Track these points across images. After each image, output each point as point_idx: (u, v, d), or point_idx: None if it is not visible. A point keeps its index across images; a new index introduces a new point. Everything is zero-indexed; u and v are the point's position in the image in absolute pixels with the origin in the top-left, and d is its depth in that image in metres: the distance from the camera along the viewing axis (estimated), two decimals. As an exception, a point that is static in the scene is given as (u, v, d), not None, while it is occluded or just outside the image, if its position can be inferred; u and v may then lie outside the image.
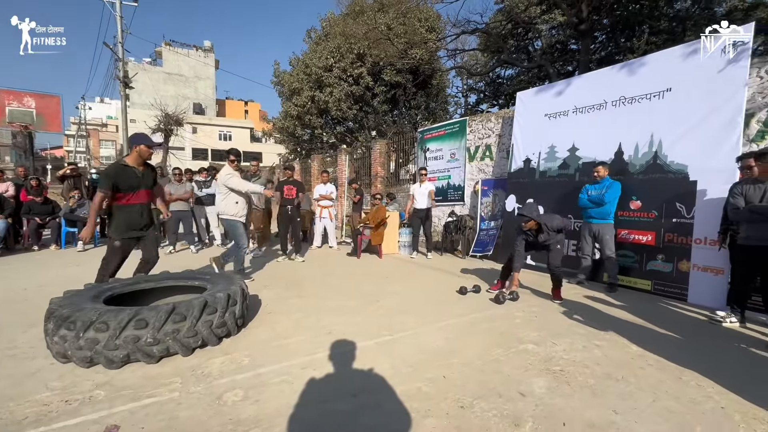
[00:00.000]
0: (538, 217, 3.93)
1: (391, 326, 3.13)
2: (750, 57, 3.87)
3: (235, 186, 4.48)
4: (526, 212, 3.96)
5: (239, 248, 4.57)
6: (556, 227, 3.93)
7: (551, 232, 3.93)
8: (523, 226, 3.98)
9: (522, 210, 4.07)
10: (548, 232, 3.91)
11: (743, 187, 3.22)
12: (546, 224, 3.89)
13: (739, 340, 3.03)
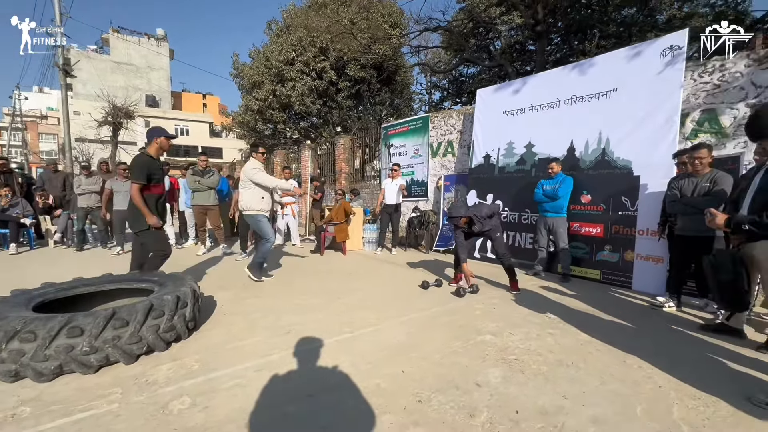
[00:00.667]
0: (466, 213, 4.10)
1: (352, 323, 3.09)
2: (685, 60, 4.17)
3: (261, 181, 4.32)
4: (455, 213, 4.14)
5: (267, 242, 4.45)
6: (486, 214, 4.10)
7: (484, 220, 4.09)
8: (458, 224, 4.17)
9: (450, 213, 4.22)
10: (480, 221, 4.07)
11: (679, 181, 3.47)
12: (476, 215, 4.06)
13: (676, 322, 3.28)
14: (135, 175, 3.46)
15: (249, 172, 4.37)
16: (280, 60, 14.30)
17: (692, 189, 3.35)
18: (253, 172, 4.35)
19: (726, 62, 4.23)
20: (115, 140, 21.61)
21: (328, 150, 13.56)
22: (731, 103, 4.18)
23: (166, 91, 44.29)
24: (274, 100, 15.01)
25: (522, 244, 5.59)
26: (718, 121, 4.26)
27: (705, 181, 3.27)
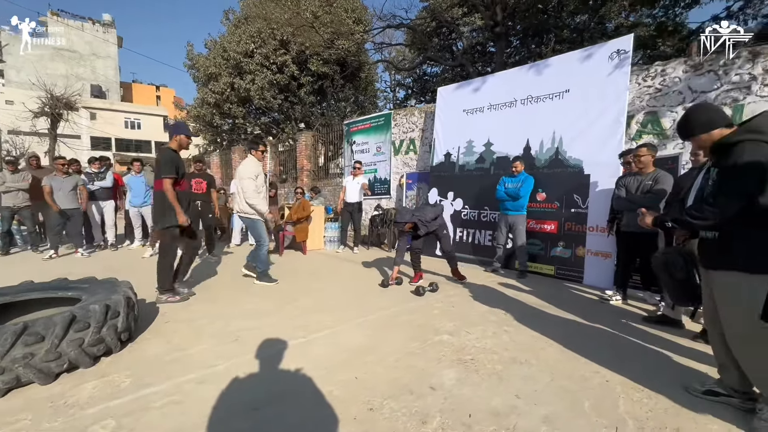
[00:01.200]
0: (411, 218, 4.17)
1: (307, 327, 2.96)
2: (630, 64, 4.38)
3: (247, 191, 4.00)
4: (400, 219, 4.21)
5: (261, 246, 4.26)
6: (430, 218, 4.24)
7: (429, 223, 4.22)
8: (404, 230, 4.26)
9: (398, 219, 4.27)
10: (425, 224, 4.19)
11: (625, 179, 3.62)
12: (420, 219, 4.16)
13: (623, 315, 3.42)
14: (166, 170, 3.36)
15: (240, 175, 4.11)
16: (239, 52, 13.67)
17: (636, 187, 3.50)
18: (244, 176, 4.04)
19: (666, 67, 4.49)
20: (54, 133, 19.81)
21: (290, 147, 13.17)
22: (671, 107, 4.44)
23: (114, 82, 41.27)
24: (232, 94, 14.35)
25: (481, 241, 5.67)
26: (659, 123, 4.51)
27: (648, 179, 3.43)
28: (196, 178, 5.65)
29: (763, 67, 3.93)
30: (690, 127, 1.88)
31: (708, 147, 1.84)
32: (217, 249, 6.21)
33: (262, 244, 4.27)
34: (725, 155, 1.72)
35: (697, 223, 1.82)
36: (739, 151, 1.65)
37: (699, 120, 1.84)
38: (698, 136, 1.85)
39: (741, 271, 1.67)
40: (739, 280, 1.68)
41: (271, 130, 16.56)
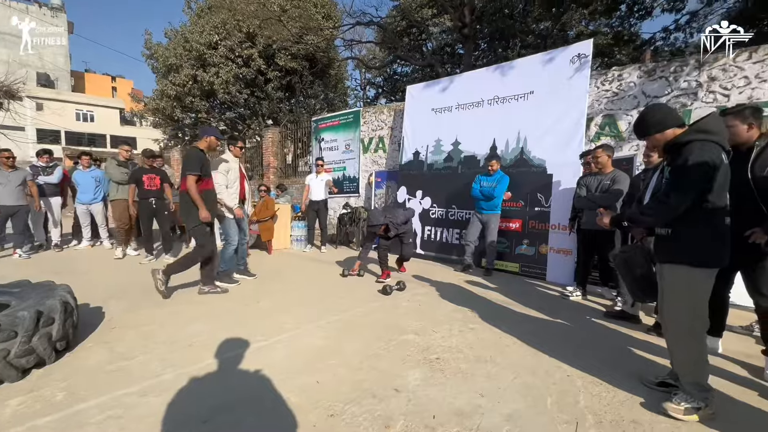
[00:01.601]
0: (384, 221, 4.29)
1: (267, 329, 2.82)
2: (590, 68, 4.54)
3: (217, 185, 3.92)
4: (374, 221, 4.30)
5: (227, 245, 4.11)
6: (401, 221, 4.38)
7: (399, 226, 4.37)
8: (377, 232, 4.39)
9: (371, 221, 4.37)
10: (396, 227, 4.35)
11: (585, 179, 3.74)
12: (392, 222, 4.30)
13: (583, 310, 3.53)
14: (190, 167, 3.44)
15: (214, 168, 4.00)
16: (202, 43, 13.06)
17: (596, 186, 3.62)
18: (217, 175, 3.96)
19: (623, 72, 4.69)
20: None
21: (256, 143, 12.76)
22: (627, 110, 4.65)
23: (63, 70, 38.37)
24: (194, 87, 13.69)
25: (449, 239, 5.71)
26: (616, 125, 4.71)
27: (607, 179, 3.56)
28: (149, 174, 5.30)
29: (708, 75, 4.19)
30: (645, 126, 1.93)
31: (661, 146, 1.90)
32: (175, 249, 5.87)
33: (229, 243, 4.13)
34: (677, 154, 1.78)
35: (650, 221, 1.91)
36: (689, 151, 1.72)
37: (653, 120, 1.89)
38: (652, 136, 1.90)
39: (687, 264, 1.76)
40: (684, 273, 1.77)
41: (236, 126, 15.98)
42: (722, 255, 1.76)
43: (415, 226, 6.11)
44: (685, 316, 1.80)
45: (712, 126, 1.73)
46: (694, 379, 1.81)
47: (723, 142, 1.74)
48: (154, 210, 5.35)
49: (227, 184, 4.06)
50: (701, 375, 1.81)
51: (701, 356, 1.81)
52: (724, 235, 1.78)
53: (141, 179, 5.25)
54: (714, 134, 1.72)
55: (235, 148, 4.25)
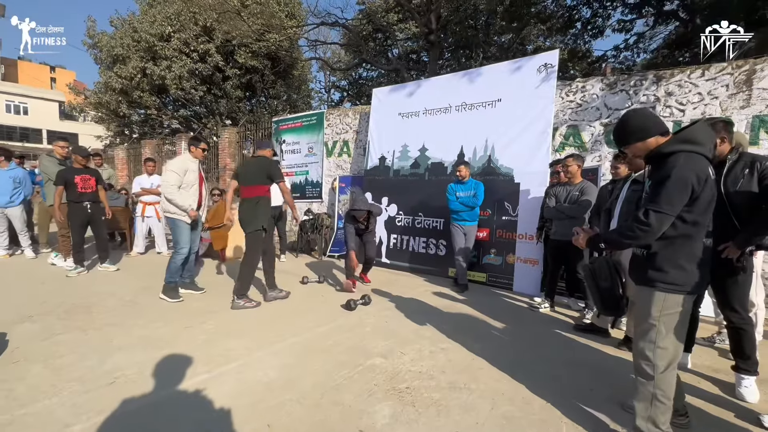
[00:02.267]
0: (367, 208, 4.31)
1: (211, 358, 2.43)
2: (556, 78, 4.55)
3: (166, 184, 3.65)
4: (359, 206, 4.29)
5: (176, 254, 3.74)
6: (376, 214, 4.46)
7: (373, 219, 4.46)
8: (359, 219, 4.30)
9: (355, 205, 4.34)
10: (373, 219, 4.46)
11: (555, 189, 3.69)
12: (371, 212, 4.35)
13: (552, 323, 3.43)
14: (280, 175, 3.72)
15: (165, 169, 3.70)
16: (152, 34, 12.13)
17: (565, 197, 3.57)
18: (167, 171, 3.67)
19: (586, 84, 4.76)
20: None
21: (214, 143, 11.98)
22: (590, 121, 4.71)
23: (-9, 57, 34.63)
24: (143, 81, 12.68)
25: (416, 248, 5.52)
26: (580, 136, 4.76)
27: (576, 190, 3.51)
28: (82, 175, 4.66)
29: (665, 90, 4.32)
30: (624, 133, 1.73)
31: (642, 156, 1.73)
32: (114, 257, 5.22)
33: (178, 251, 3.74)
34: (659, 166, 1.60)
35: (630, 244, 1.67)
36: (672, 162, 1.52)
37: (634, 126, 1.69)
38: (633, 144, 1.70)
39: (661, 289, 1.58)
40: (657, 297, 1.59)
41: (191, 125, 15.02)
42: (702, 280, 1.59)
43: (381, 234, 5.88)
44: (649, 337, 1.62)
45: (699, 136, 1.57)
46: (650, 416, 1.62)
47: (709, 154, 1.59)
48: (89, 215, 4.69)
49: (181, 184, 3.70)
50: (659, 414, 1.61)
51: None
52: (705, 258, 1.60)
53: (72, 180, 4.59)
54: (701, 145, 1.55)
55: (197, 150, 3.86)
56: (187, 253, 3.78)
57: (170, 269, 3.70)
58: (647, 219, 1.52)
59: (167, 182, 3.65)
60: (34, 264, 5.13)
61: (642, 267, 1.67)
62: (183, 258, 3.75)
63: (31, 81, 38.35)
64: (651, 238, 1.56)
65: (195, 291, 3.99)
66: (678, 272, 1.56)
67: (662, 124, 1.69)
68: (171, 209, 3.70)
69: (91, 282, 4.28)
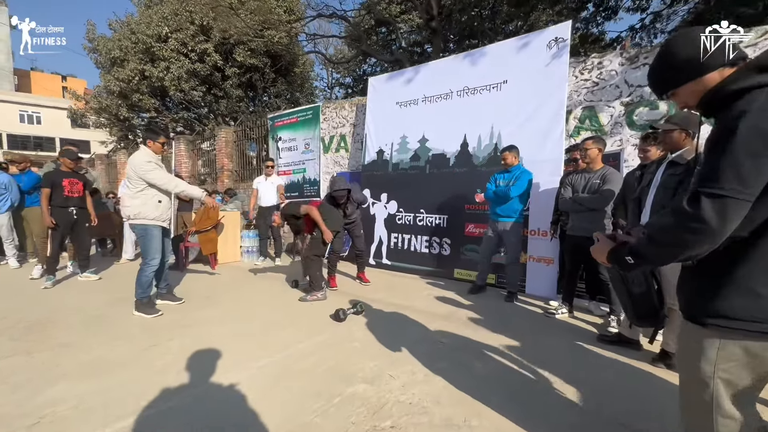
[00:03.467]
0: (347, 186, 4.21)
1: (164, 388, 2.05)
2: (569, 54, 4.05)
3: (159, 182, 3.25)
4: (339, 186, 4.16)
5: (145, 265, 3.31)
6: (359, 200, 4.44)
7: (354, 204, 4.37)
8: (338, 198, 4.17)
9: (335, 186, 4.20)
10: (354, 203, 4.35)
11: (571, 177, 3.21)
12: (353, 195, 4.28)
13: (572, 333, 2.96)
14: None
15: (140, 168, 3.18)
16: (149, 35, 11.92)
17: (584, 185, 3.10)
18: (146, 168, 3.19)
19: (603, 60, 4.24)
20: None
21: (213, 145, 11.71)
22: (608, 101, 4.19)
23: (6, 69, 35.37)
24: (142, 83, 12.50)
25: (418, 248, 5.08)
26: (597, 118, 4.25)
27: (596, 178, 3.03)
28: (71, 178, 4.36)
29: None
30: (670, 72, 1.06)
31: (696, 104, 1.04)
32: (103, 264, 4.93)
33: (148, 263, 3.31)
34: (723, 114, 0.92)
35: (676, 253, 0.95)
36: (742, 107, 0.87)
37: (683, 59, 1.02)
38: (683, 87, 1.04)
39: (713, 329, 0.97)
40: (706, 341, 1.00)
41: (193, 127, 14.82)
42: None
43: (380, 233, 5.46)
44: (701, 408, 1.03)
45: None
46: None
47: None
48: (74, 221, 4.39)
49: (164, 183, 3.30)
50: None
51: None
52: None
53: (60, 183, 4.30)
54: None
55: (155, 144, 3.35)
56: (159, 264, 3.39)
57: (141, 283, 3.30)
58: (698, 209, 0.86)
59: (161, 178, 3.23)
60: (15, 274, 4.87)
61: (690, 288, 1.06)
62: (154, 270, 3.34)
63: (43, 91, 39.13)
64: (708, 241, 0.88)
65: (172, 302, 3.63)
66: (750, 302, 0.92)
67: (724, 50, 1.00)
68: (149, 215, 3.26)
69: (65, 293, 3.97)
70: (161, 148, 3.43)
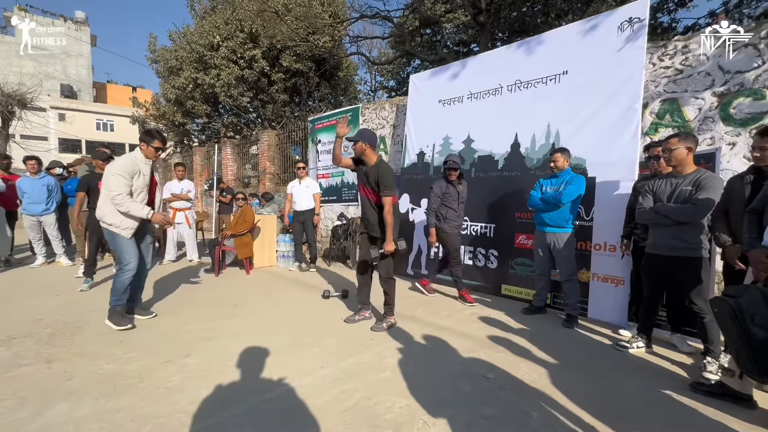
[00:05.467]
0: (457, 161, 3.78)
1: (168, 415, 1.82)
2: (646, 37, 3.42)
3: (110, 191, 2.91)
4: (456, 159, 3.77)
5: (120, 272, 3.07)
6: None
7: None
8: (449, 174, 3.79)
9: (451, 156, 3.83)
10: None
11: (654, 183, 2.62)
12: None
13: (654, 377, 2.38)
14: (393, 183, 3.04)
15: (107, 171, 3.01)
16: (202, 44, 12.49)
17: (669, 193, 2.50)
18: (110, 172, 2.94)
19: (689, 43, 3.55)
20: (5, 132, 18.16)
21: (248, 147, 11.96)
22: (696, 92, 3.50)
23: (86, 82, 39.48)
24: (196, 90, 13.13)
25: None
26: (681, 112, 3.56)
27: (687, 183, 2.42)
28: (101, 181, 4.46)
29: (820, 38, 3.01)
30: None
31: None
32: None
33: (123, 269, 3.06)
34: None
35: None
36: None
37: None
38: None
39: None
40: None
41: (241, 131, 15.35)
42: None
43: (420, 242, 5.06)
44: None
45: None
46: None
47: None
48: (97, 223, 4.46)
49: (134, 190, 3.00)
50: None
51: None
52: None
53: (96, 186, 4.39)
54: None
55: (148, 148, 3.08)
56: (136, 269, 3.09)
57: (115, 290, 3.04)
58: None
59: (112, 190, 2.90)
60: (67, 272, 5.07)
61: None
62: (130, 276, 3.06)
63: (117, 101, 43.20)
64: None
65: (141, 316, 3.30)
66: None
67: None
68: (107, 220, 2.99)
69: (101, 297, 3.98)
70: (154, 153, 3.14)
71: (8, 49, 34.54)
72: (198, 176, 11.91)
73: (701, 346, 2.55)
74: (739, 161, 3.22)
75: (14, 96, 18.27)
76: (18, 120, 18.52)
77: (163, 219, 3.18)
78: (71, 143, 34.08)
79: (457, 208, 3.91)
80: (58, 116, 34.41)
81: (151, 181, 3.18)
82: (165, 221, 3.22)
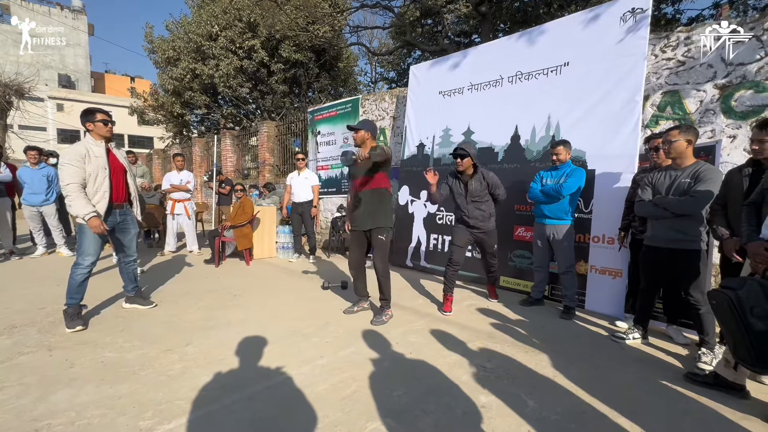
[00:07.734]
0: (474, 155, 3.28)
1: (170, 402, 1.85)
2: (649, 27, 3.39)
3: (62, 181, 2.72)
4: (465, 146, 3.24)
5: (76, 266, 2.84)
6: (493, 182, 3.31)
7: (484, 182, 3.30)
8: (458, 164, 3.29)
9: (462, 143, 3.32)
10: (482, 181, 3.29)
11: (652, 175, 2.62)
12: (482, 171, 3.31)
13: (649, 367, 2.41)
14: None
15: (60, 161, 2.81)
16: (200, 34, 12.36)
17: (668, 185, 2.50)
18: (62, 161, 2.75)
19: (691, 34, 3.51)
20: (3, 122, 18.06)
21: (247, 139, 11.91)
22: (698, 84, 3.48)
23: (84, 72, 39.14)
24: (194, 80, 13.02)
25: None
26: (682, 105, 3.54)
27: (686, 176, 2.43)
28: None
29: (824, 29, 2.98)
30: None
31: None
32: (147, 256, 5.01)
33: (78, 262, 2.85)
34: None
35: None
36: None
37: None
38: None
39: None
40: None
41: (241, 122, 15.27)
42: None
43: (419, 233, 5.08)
44: None
45: None
46: None
47: None
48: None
49: (84, 180, 2.76)
50: None
51: None
52: None
53: None
54: None
55: (96, 125, 2.79)
56: (91, 267, 2.90)
57: (69, 286, 2.81)
58: None
59: (62, 180, 2.70)
60: (66, 262, 5.09)
61: None
62: (84, 273, 2.84)
63: (115, 91, 42.85)
64: None
65: (142, 306, 3.28)
66: None
67: None
68: (72, 212, 2.78)
69: (104, 285, 4.01)
70: (104, 128, 2.83)
71: (5, 38, 34.16)
72: (197, 167, 11.88)
73: (696, 338, 2.57)
74: (740, 154, 3.21)
75: (11, 86, 18.10)
76: (16, 110, 18.42)
77: (99, 227, 2.75)
78: (70, 134, 33.83)
79: (464, 207, 3.40)
80: (56, 106, 34.14)
81: (112, 165, 2.89)
82: (100, 230, 2.78)
